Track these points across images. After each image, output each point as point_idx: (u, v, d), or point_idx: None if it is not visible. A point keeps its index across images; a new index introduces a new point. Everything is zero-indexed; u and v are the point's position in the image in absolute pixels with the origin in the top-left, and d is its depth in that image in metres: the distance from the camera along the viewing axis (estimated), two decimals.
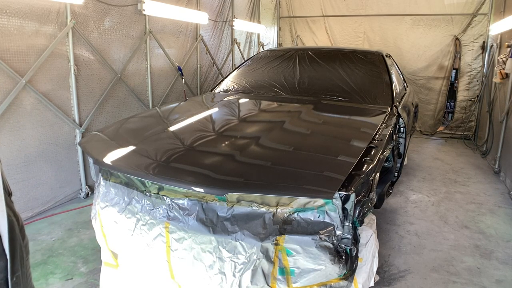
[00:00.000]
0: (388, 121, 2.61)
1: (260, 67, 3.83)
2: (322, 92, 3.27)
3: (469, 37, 6.20)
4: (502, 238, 3.06)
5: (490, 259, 2.74)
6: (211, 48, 5.83)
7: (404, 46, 6.59)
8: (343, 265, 1.61)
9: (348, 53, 3.80)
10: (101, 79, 3.79)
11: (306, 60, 3.71)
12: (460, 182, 4.36)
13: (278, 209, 1.64)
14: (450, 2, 6.19)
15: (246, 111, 3.05)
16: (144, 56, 4.39)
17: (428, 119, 6.70)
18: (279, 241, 1.61)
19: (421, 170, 4.77)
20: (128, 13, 4.02)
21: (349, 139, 2.28)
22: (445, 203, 3.74)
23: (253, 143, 2.10)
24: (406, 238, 3.02)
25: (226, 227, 1.67)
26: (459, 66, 6.38)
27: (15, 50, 2.94)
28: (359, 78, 3.39)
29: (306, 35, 7.53)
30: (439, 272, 2.56)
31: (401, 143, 3.13)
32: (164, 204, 1.80)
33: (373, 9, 6.80)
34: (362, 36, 6.98)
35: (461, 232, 3.15)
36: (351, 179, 1.64)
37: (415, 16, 6.46)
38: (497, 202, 3.80)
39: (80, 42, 3.48)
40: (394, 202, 3.72)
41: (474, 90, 6.31)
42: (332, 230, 1.59)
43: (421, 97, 6.44)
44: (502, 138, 4.57)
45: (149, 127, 2.53)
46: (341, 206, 1.56)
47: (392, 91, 3.19)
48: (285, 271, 1.62)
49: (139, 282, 1.95)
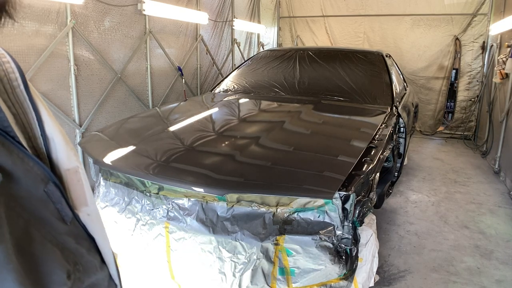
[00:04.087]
0: (388, 121, 2.61)
1: (260, 67, 3.83)
2: (322, 92, 3.27)
3: (469, 37, 6.19)
4: (502, 238, 3.06)
5: (490, 259, 2.74)
6: (211, 48, 5.83)
7: (404, 46, 6.59)
8: (343, 265, 1.61)
9: (348, 53, 3.80)
10: (101, 79, 3.78)
11: (306, 60, 3.72)
12: (460, 182, 4.36)
13: (278, 209, 1.64)
14: (450, 2, 6.19)
15: (246, 111, 3.05)
16: (144, 56, 4.39)
17: (428, 119, 6.70)
18: (279, 241, 1.61)
19: (421, 170, 4.77)
20: (128, 13, 4.02)
21: (349, 139, 2.28)
22: (445, 203, 3.74)
23: (253, 143, 2.10)
24: (406, 238, 3.02)
25: (226, 227, 1.67)
26: (459, 66, 6.38)
27: (15, 50, 2.94)
28: (359, 78, 3.39)
29: (306, 35, 7.52)
30: (439, 272, 2.56)
31: (401, 143, 3.13)
32: (164, 204, 1.80)
33: (373, 9, 6.80)
34: (362, 36, 6.98)
35: (461, 232, 3.15)
36: (351, 179, 1.65)
37: (415, 16, 6.46)
38: (497, 202, 3.80)
39: (80, 42, 3.48)
40: (394, 202, 3.72)
41: (474, 90, 6.31)
42: (332, 230, 1.59)
43: (421, 97, 6.44)
44: (502, 138, 4.57)
45: (149, 127, 2.53)
46: (341, 206, 1.56)
47: (392, 91, 3.19)
48: (285, 271, 1.62)
49: (139, 282, 1.95)
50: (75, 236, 0.49)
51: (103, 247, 0.56)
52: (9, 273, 0.36)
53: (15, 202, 0.39)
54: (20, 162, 0.41)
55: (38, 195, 0.43)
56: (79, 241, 0.50)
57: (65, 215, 0.48)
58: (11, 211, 0.38)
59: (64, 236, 0.46)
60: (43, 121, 0.50)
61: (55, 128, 0.51)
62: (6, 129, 0.42)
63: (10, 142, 0.41)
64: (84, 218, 0.52)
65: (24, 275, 0.38)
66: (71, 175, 0.51)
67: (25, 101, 0.49)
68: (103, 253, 0.56)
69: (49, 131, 0.50)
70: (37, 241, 0.41)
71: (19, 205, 0.40)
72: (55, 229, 0.45)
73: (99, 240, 0.55)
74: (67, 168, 0.51)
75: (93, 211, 0.54)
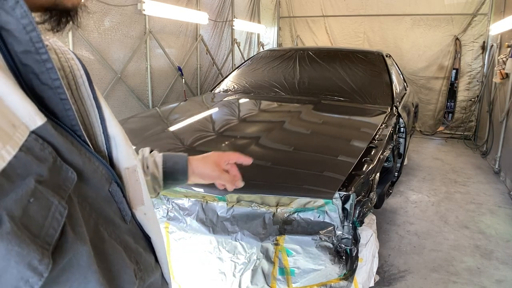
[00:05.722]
0: (388, 121, 2.61)
1: (260, 67, 3.83)
2: (322, 92, 3.27)
3: (469, 37, 6.19)
4: (502, 238, 3.06)
5: (490, 259, 2.74)
6: (211, 48, 5.83)
7: (404, 46, 6.59)
8: (343, 265, 1.61)
9: (348, 53, 3.80)
10: (101, 79, 3.78)
11: (306, 60, 3.71)
12: (460, 182, 4.36)
13: (278, 209, 1.64)
14: (450, 2, 6.19)
15: (246, 111, 3.05)
16: (144, 56, 4.39)
17: (428, 119, 6.70)
18: (279, 241, 1.61)
19: (421, 170, 4.77)
20: (128, 13, 4.02)
21: (349, 139, 2.28)
22: (445, 203, 3.74)
23: (253, 143, 2.10)
24: (406, 238, 3.02)
25: (226, 227, 1.67)
26: (459, 66, 6.38)
27: None
28: (359, 78, 3.39)
29: (306, 35, 7.52)
30: (439, 272, 2.56)
31: (401, 143, 3.13)
32: (164, 204, 1.80)
33: (373, 9, 6.79)
34: (362, 36, 6.97)
35: (461, 232, 3.15)
36: (351, 179, 1.65)
37: (415, 16, 6.45)
38: (497, 202, 3.80)
39: (80, 42, 3.48)
40: (394, 202, 3.72)
41: (474, 90, 6.30)
42: (332, 230, 1.59)
43: (421, 97, 6.44)
44: (502, 138, 4.57)
45: (149, 127, 2.53)
46: (341, 206, 1.56)
47: (392, 91, 3.19)
48: (285, 271, 1.62)
49: None
50: (133, 235, 0.49)
51: (158, 246, 0.56)
52: (93, 274, 0.36)
53: (86, 202, 0.39)
54: (88, 161, 0.41)
55: (104, 195, 0.43)
56: (137, 240, 0.50)
57: (125, 214, 0.48)
58: (83, 210, 0.38)
59: (125, 235, 0.46)
60: (106, 119, 0.49)
61: (117, 127, 0.51)
62: (73, 127, 0.41)
63: (77, 141, 0.41)
64: (140, 217, 0.52)
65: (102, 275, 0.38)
66: (130, 173, 0.51)
67: (88, 98, 0.48)
68: (157, 252, 0.56)
69: (111, 130, 0.49)
70: (106, 241, 0.41)
71: (89, 205, 0.40)
72: (118, 229, 0.45)
73: (154, 239, 0.55)
74: (127, 167, 0.50)
75: (149, 210, 0.54)
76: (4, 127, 0.31)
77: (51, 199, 0.33)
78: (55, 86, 0.39)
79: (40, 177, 0.32)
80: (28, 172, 0.32)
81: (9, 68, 0.35)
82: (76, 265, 0.35)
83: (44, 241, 0.31)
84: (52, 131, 0.36)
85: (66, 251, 0.34)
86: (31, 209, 0.30)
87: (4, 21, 0.34)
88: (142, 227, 0.52)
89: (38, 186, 0.32)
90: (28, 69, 0.37)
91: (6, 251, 0.27)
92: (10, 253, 0.27)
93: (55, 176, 0.35)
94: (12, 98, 0.33)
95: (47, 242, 0.31)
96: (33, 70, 0.37)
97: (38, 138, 0.34)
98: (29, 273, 0.28)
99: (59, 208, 0.33)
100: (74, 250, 0.35)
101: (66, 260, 0.34)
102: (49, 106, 0.39)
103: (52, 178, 0.34)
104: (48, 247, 0.31)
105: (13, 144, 0.31)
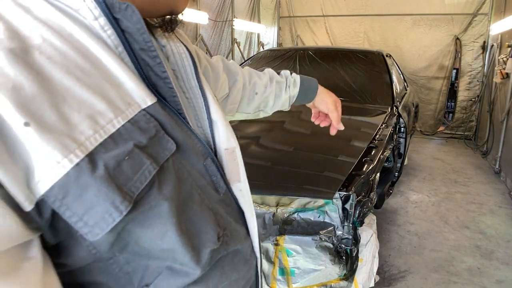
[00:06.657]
0: (388, 121, 2.61)
1: (260, 67, 3.83)
2: None
3: (469, 37, 6.19)
4: (503, 238, 3.05)
5: (491, 259, 2.73)
6: (211, 48, 5.83)
7: (404, 46, 6.58)
8: (343, 266, 1.60)
9: (348, 53, 3.79)
10: None
11: (306, 60, 3.71)
12: (461, 182, 4.36)
13: (278, 209, 1.64)
14: (451, 1, 6.18)
15: None
16: None
17: (429, 119, 6.69)
18: (279, 241, 1.61)
19: (422, 170, 4.76)
20: None
21: (349, 139, 2.28)
22: (446, 203, 3.74)
23: (252, 143, 2.10)
24: (407, 238, 3.02)
25: None
26: (459, 66, 6.37)
27: None
28: (360, 78, 3.38)
29: (306, 35, 7.52)
30: (439, 272, 2.56)
31: (402, 143, 3.12)
32: None
33: (373, 9, 6.79)
34: (363, 36, 6.97)
35: (462, 232, 3.14)
36: (351, 179, 1.64)
37: (415, 15, 6.45)
38: (498, 202, 3.79)
39: None
40: (394, 202, 3.72)
41: (475, 90, 6.30)
42: (332, 230, 1.58)
43: (421, 97, 6.43)
44: (502, 138, 4.56)
45: None
46: (341, 206, 1.56)
47: (392, 91, 3.19)
48: (285, 272, 1.62)
49: None
50: (226, 205, 0.57)
51: (250, 221, 0.63)
52: (172, 225, 0.44)
53: (184, 168, 0.49)
54: (188, 138, 0.50)
55: (199, 167, 0.52)
56: (229, 210, 0.57)
57: (219, 186, 0.56)
58: (181, 175, 0.47)
59: (216, 203, 0.54)
60: (209, 106, 0.58)
61: (219, 113, 0.60)
62: (179, 110, 0.51)
63: (181, 121, 0.50)
64: (236, 192, 0.60)
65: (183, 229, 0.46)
66: (229, 154, 0.60)
67: (196, 87, 0.58)
68: (249, 226, 0.63)
69: (214, 116, 0.59)
70: (197, 202, 0.50)
71: (186, 172, 0.49)
72: (209, 196, 0.53)
73: (247, 214, 0.62)
74: (226, 148, 0.60)
75: (244, 187, 0.62)
76: (119, 104, 0.41)
77: (145, 160, 0.41)
78: (164, 77, 0.49)
79: (140, 143, 0.41)
80: (131, 139, 0.41)
81: (132, 62, 0.46)
82: (157, 215, 0.43)
83: (129, 190, 0.39)
84: (160, 110, 0.46)
85: (148, 202, 0.42)
86: (124, 165, 0.39)
87: (125, 26, 0.45)
88: (237, 201, 0.60)
89: (135, 149, 0.40)
90: (145, 63, 0.47)
91: (98, 190, 0.36)
92: (100, 191, 0.36)
93: (155, 145, 0.43)
94: (130, 83, 0.43)
95: (131, 191, 0.39)
96: (148, 63, 0.47)
97: (146, 114, 0.44)
98: (112, 209, 0.37)
99: (149, 168, 0.41)
100: (156, 203, 0.42)
101: (147, 208, 0.42)
102: (161, 92, 0.49)
103: (151, 146, 0.43)
104: (132, 195, 0.39)
105: (123, 117, 0.41)
